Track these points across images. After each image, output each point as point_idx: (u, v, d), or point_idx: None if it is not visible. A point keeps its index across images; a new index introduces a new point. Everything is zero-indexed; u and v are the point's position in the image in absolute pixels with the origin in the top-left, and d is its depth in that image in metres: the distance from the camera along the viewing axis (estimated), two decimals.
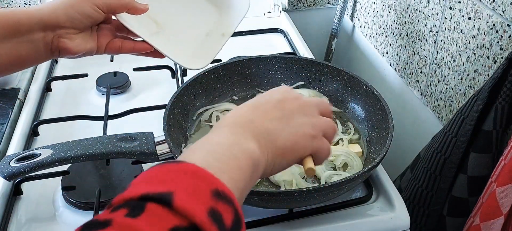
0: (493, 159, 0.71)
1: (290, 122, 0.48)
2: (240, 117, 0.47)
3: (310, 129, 0.49)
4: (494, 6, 0.75)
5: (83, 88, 0.96)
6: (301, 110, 0.50)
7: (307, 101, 0.52)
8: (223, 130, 0.45)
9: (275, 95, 0.51)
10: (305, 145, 0.48)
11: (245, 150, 0.42)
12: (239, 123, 0.46)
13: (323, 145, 0.50)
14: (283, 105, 0.49)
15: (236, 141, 0.43)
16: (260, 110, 0.48)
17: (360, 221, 0.67)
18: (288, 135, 0.47)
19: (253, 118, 0.47)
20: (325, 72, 0.85)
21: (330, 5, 1.39)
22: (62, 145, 0.65)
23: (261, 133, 0.45)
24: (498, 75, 0.66)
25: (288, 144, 0.47)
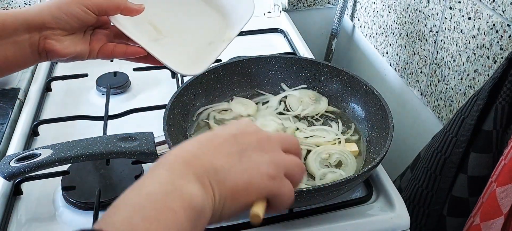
0: (493, 159, 0.71)
1: (243, 158, 0.42)
2: (183, 152, 0.41)
3: (267, 167, 0.42)
4: (494, 6, 0.75)
5: (83, 88, 0.96)
6: (259, 145, 0.43)
7: (268, 135, 0.45)
8: (160, 172, 0.38)
9: (229, 129, 0.44)
10: (260, 185, 0.41)
11: (183, 197, 0.36)
12: (181, 160, 0.39)
13: (283, 187, 0.43)
14: (237, 140, 0.43)
15: (173, 186, 0.36)
16: (209, 145, 0.42)
17: (360, 221, 0.67)
18: (240, 173, 0.41)
19: (198, 153, 0.40)
20: (325, 72, 0.85)
21: (330, 5, 1.39)
22: (62, 145, 0.65)
23: (207, 170, 0.39)
24: (498, 75, 0.66)
25: (239, 184, 0.40)
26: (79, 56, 0.62)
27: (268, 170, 0.42)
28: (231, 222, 0.66)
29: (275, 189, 0.42)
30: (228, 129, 0.44)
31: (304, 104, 0.83)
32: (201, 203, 0.37)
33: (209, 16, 0.74)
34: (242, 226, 0.65)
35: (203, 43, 0.71)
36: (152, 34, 0.69)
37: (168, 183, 0.37)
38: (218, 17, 0.74)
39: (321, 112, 0.82)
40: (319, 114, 0.82)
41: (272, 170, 0.42)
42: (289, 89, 0.86)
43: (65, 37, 0.59)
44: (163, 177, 0.37)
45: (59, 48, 0.58)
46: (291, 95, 0.85)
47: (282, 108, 0.83)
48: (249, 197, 0.41)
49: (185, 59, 0.68)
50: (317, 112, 0.82)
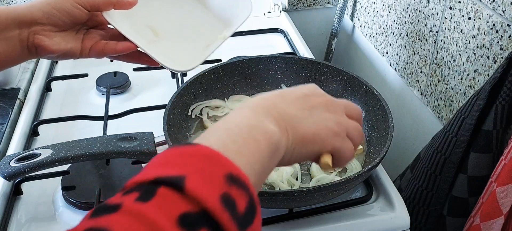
0: (493, 159, 0.71)
1: (313, 113, 0.47)
2: (263, 100, 0.46)
3: (333, 124, 0.48)
4: (494, 6, 0.74)
5: (83, 88, 0.96)
6: (326, 106, 0.49)
7: (334, 100, 0.51)
8: (245, 111, 0.44)
9: (302, 89, 0.50)
10: (326, 139, 0.47)
11: (265, 131, 0.41)
12: (262, 105, 0.45)
13: (345, 145, 0.48)
14: (308, 98, 0.48)
15: (257, 122, 0.42)
16: (285, 98, 0.47)
17: (360, 221, 0.67)
18: (310, 124, 0.46)
19: (276, 103, 0.46)
20: (325, 72, 0.85)
21: (330, 5, 1.39)
22: (62, 145, 0.65)
23: (283, 117, 0.45)
24: (498, 75, 0.66)
25: (309, 133, 0.46)
26: (70, 53, 0.61)
27: (333, 126, 0.47)
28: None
29: (338, 144, 0.47)
30: (300, 89, 0.49)
31: None
32: (278, 140, 0.42)
33: (207, 17, 0.73)
34: None
35: (199, 43, 0.71)
36: (150, 36, 0.69)
37: (253, 119, 0.42)
38: (216, 18, 0.73)
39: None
40: None
41: (337, 127, 0.48)
42: None
43: (56, 34, 0.59)
44: (249, 115, 0.43)
45: (48, 44, 0.58)
46: None
47: None
48: (315, 146, 0.46)
49: (178, 57, 0.68)
50: None
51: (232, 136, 0.39)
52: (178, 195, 0.31)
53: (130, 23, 0.66)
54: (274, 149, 0.41)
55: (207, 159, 0.34)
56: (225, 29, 0.71)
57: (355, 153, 0.73)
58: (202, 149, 0.35)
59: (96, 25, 0.65)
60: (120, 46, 0.63)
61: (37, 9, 0.57)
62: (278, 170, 0.70)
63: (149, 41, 0.68)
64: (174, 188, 0.31)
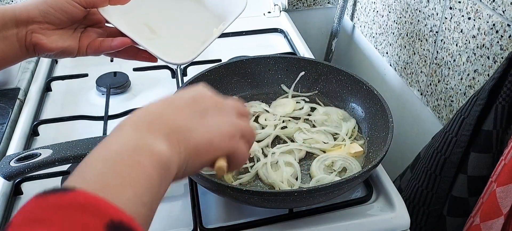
0: (493, 159, 0.71)
1: (204, 119, 0.44)
2: (147, 112, 0.42)
3: (227, 128, 0.45)
4: (494, 6, 0.74)
5: (83, 88, 0.96)
6: (217, 109, 0.46)
7: (224, 101, 0.48)
8: (125, 130, 0.39)
9: (189, 93, 0.47)
10: (221, 144, 0.44)
11: (152, 152, 0.37)
12: (146, 120, 0.41)
13: (240, 147, 0.46)
14: (198, 104, 0.45)
15: (141, 142, 0.38)
16: (172, 106, 0.44)
17: (360, 221, 0.67)
18: (203, 133, 0.43)
19: (163, 113, 0.42)
20: (325, 72, 0.85)
21: (330, 5, 1.39)
22: (62, 145, 0.65)
23: (172, 129, 0.41)
24: (498, 75, 0.66)
25: (202, 142, 0.42)
26: (67, 51, 0.61)
27: (227, 130, 0.45)
28: (232, 222, 0.66)
29: (233, 148, 0.45)
30: (188, 93, 0.46)
31: (330, 121, 0.80)
32: (168, 158, 0.38)
33: (202, 13, 0.74)
34: (242, 226, 0.65)
35: (195, 38, 0.71)
36: (147, 34, 0.69)
37: (136, 140, 0.38)
38: (211, 13, 0.74)
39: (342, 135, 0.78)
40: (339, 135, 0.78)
41: (230, 130, 0.45)
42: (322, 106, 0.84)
43: (53, 32, 0.59)
44: (130, 135, 0.38)
45: (46, 42, 0.58)
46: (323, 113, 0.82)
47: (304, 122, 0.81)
48: (210, 155, 0.44)
49: (175, 51, 0.68)
50: (337, 132, 0.78)
51: (113, 167, 0.34)
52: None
53: (127, 22, 0.66)
54: (165, 170, 0.38)
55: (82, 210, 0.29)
56: (221, 24, 0.71)
57: (355, 154, 0.74)
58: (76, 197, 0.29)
59: (93, 24, 0.65)
60: (116, 42, 0.63)
61: (33, 7, 0.57)
62: (278, 170, 0.70)
63: (147, 38, 0.68)
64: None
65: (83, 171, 0.34)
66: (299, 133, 0.78)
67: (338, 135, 0.78)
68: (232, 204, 0.69)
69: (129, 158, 0.36)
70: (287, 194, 0.61)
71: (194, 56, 0.67)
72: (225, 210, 0.69)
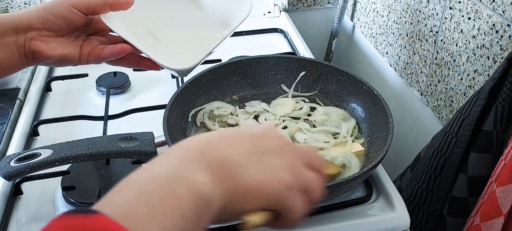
0: (493, 159, 0.71)
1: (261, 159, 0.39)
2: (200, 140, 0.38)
3: (286, 175, 0.39)
4: (494, 6, 0.75)
5: (83, 88, 0.96)
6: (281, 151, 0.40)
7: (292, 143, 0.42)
8: (171, 157, 0.36)
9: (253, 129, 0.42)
10: (274, 191, 0.38)
11: (191, 184, 0.34)
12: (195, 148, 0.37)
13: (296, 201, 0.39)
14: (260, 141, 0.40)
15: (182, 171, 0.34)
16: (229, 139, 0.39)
17: (360, 221, 0.67)
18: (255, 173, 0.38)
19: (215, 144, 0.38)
20: (325, 72, 0.85)
21: (330, 5, 1.39)
22: (62, 145, 0.65)
23: (220, 162, 0.36)
24: (498, 75, 0.66)
25: (252, 184, 0.37)
26: (67, 59, 0.60)
27: (286, 177, 0.39)
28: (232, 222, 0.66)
29: (288, 200, 0.39)
30: (252, 129, 0.42)
31: (330, 121, 0.80)
32: (209, 193, 0.34)
33: (205, 19, 0.73)
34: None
35: (199, 44, 0.70)
36: (150, 41, 0.69)
37: (177, 168, 0.35)
38: (214, 19, 0.73)
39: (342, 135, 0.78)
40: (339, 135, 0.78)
41: (290, 179, 0.39)
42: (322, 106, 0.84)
43: (53, 39, 0.58)
44: (173, 161, 0.35)
45: (45, 50, 0.57)
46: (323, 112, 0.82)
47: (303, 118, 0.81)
48: (258, 202, 0.38)
49: (178, 58, 0.67)
50: (338, 132, 0.78)
51: (145, 195, 0.32)
52: None
53: (130, 29, 0.65)
54: (203, 206, 0.34)
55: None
56: (225, 29, 0.70)
57: (355, 153, 0.74)
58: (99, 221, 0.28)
59: (96, 32, 0.64)
60: (116, 49, 0.62)
61: (33, 14, 0.56)
62: None
63: (149, 45, 0.67)
64: None
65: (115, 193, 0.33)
66: (299, 132, 0.78)
67: (338, 135, 0.78)
68: None
69: (164, 187, 0.33)
70: None
71: (197, 62, 0.67)
72: None
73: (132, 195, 0.32)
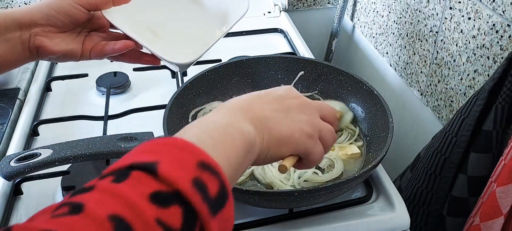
0: (493, 159, 0.71)
1: (288, 115, 0.48)
2: (240, 101, 0.48)
3: (307, 126, 0.49)
4: (494, 6, 0.75)
5: (83, 88, 0.96)
6: (301, 108, 0.50)
7: (309, 101, 0.52)
8: (222, 111, 0.45)
9: (277, 91, 0.51)
10: (299, 140, 0.48)
11: (241, 130, 0.43)
12: (239, 106, 0.46)
13: (317, 147, 0.50)
14: (284, 101, 0.50)
15: (233, 121, 0.43)
16: (262, 100, 0.49)
17: (360, 221, 0.67)
18: (285, 126, 0.47)
19: (252, 104, 0.47)
20: (325, 72, 0.85)
21: (330, 5, 1.39)
22: (62, 145, 0.65)
23: (259, 118, 0.46)
24: (498, 75, 0.66)
25: (283, 135, 0.47)
26: (70, 54, 0.61)
27: (307, 128, 0.49)
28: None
29: (310, 146, 0.49)
30: (276, 91, 0.51)
31: None
32: (253, 139, 0.43)
33: (204, 16, 0.73)
34: (242, 226, 0.65)
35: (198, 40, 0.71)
36: (149, 37, 0.69)
37: (229, 118, 0.44)
38: (213, 16, 0.73)
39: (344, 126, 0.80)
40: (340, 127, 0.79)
41: (310, 130, 0.49)
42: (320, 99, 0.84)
43: (56, 35, 0.59)
44: (225, 114, 0.44)
45: (49, 45, 0.59)
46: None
47: None
48: (289, 148, 0.48)
49: (178, 53, 0.68)
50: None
51: (209, 132, 0.41)
52: (150, 177, 0.32)
53: (130, 25, 0.66)
54: (249, 147, 0.43)
55: (180, 148, 0.35)
56: (224, 26, 0.71)
57: (352, 156, 0.74)
58: (177, 140, 0.36)
59: (97, 28, 0.65)
60: (119, 45, 0.63)
61: (36, 11, 0.57)
62: (274, 170, 0.70)
63: (149, 40, 0.68)
64: (147, 172, 0.32)
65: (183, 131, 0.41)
66: None
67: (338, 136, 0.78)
68: None
69: (222, 129, 0.42)
70: (287, 194, 0.61)
71: (197, 57, 0.67)
72: None
73: (199, 130, 0.41)
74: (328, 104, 0.55)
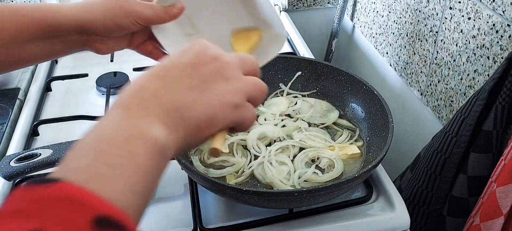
0: (493, 159, 0.71)
1: (204, 90, 0.40)
2: (140, 90, 0.38)
3: (231, 96, 0.41)
4: (494, 6, 0.75)
5: (83, 88, 0.96)
6: (219, 73, 0.41)
7: (227, 61, 0.43)
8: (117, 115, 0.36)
9: (186, 58, 0.41)
10: (224, 116, 0.41)
11: (146, 139, 0.34)
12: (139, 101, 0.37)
13: (246, 113, 0.43)
14: (197, 71, 0.40)
15: (134, 129, 0.35)
16: (167, 80, 0.39)
17: (360, 221, 0.67)
18: (203, 108, 0.39)
19: (157, 90, 0.38)
20: (325, 72, 0.85)
21: (330, 5, 1.39)
22: (62, 145, 0.65)
23: (169, 110, 0.37)
24: (498, 75, 0.66)
25: (202, 119, 0.39)
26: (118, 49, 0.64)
27: (231, 99, 0.41)
28: (232, 222, 0.66)
29: (238, 117, 0.42)
30: (186, 57, 0.41)
31: (314, 112, 0.82)
32: (165, 144, 0.36)
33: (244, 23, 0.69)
34: (242, 226, 0.65)
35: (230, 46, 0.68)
36: (187, 27, 0.67)
37: (128, 126, 0.35)
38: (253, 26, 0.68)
39: (329, 123, 0.81)
40: (326, 124, 0.81)
41: (235, 98, 0.41)
42: (304, 97, 0.85)
43: (110, 40, 0.61)
44: (122, 120, 0.35)
45: (104, 49, 0.61)
46: (304, 101, 0.84)
47: (290, 110, 0.82)
48: (213, 129, 0.41)
49: None
50: (324, 122, 0.81)
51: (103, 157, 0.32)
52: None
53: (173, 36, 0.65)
54: (160, 155, 0.35)
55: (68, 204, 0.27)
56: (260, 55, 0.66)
57: (352, 156, 0.74)
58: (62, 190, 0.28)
59: None
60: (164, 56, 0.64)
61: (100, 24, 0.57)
62: (274, 170, 0.70)
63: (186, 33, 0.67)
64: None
65: (71, 160, 0.32)
66: (298, 131, 0.78)
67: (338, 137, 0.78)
68: (232, 204, 0.69)
69: (120, 147, 0.33)
70: (287, 194, 0.61)
71: None
72: (225, 210, 0.69)
73: (92, 159, 0.32)
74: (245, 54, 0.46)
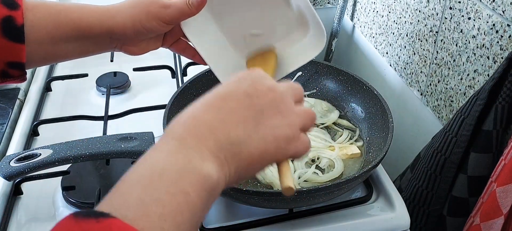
0: (493, 159, 0.71)
1: (260, 123, 0.39)
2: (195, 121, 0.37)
3: (284, 130, 0.40)
4: (494, 6, 0.74)
5: (83, 88, 0.96)
6: (275, 105, 0.40)
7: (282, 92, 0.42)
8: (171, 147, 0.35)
9: (242, 87, 0.40)
10: (277, 152, 0.40)
11: (197, 177, 0.34)
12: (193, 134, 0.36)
13: (299, 145, 0.42)
14: (252, 101, 0.39)
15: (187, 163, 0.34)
16: (223, 111, 0.38)
17: (360, 221, 0.67)
18: (256, 143, 0.38)
19: (213, 124, 0.37)
20: (325, 72, 0.85)
21: (330, 5, 1.39)
22: (62, 145, 0.65)
23: (222, 146, 0.36)
24: (498, 75, 0.66)
25: (255, 154, 0.38)
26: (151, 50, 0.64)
27: (285, 133, 0.40)
28: (232, 222, 0.66)
29: (291, 151, 0.41)
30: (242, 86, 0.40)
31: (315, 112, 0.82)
32: (216, 180, 0.35)
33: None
34: (242, 226, 0.65)
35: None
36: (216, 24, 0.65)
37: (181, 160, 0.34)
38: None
39: (329, 123, 0.81)
40: (326, 124, 0.81)
41: (289, 132, 0.41)
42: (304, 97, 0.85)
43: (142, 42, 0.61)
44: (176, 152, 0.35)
45: (135, 50, 0.62)
46: (304, 101, 0.84)
47: None
48: (264, 164, 0.40)
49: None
50: (324, 122, 0.81)
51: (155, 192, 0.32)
52: None
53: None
54: (210, 193, 0.35)
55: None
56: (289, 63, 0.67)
57: (352, 156, 0.74)
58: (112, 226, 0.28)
59: None
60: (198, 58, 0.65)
61: (130, 28, 0.57)
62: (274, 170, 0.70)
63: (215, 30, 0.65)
64: None
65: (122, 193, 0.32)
66: None
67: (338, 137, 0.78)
68: (232, 204, 0.69)
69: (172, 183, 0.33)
70: None
71: None
72: (225, 210, 0.69)
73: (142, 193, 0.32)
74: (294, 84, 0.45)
